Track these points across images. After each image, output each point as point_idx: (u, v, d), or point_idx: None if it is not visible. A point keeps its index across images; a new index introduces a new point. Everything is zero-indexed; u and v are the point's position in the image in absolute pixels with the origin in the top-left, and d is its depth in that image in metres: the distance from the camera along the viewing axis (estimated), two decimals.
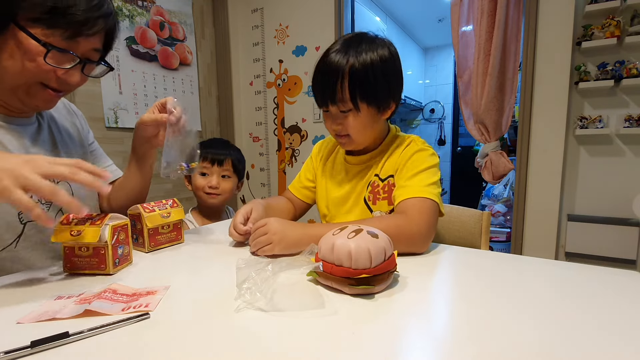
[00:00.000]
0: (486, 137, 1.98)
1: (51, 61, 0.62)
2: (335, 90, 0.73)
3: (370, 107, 0.76)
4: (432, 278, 0.57)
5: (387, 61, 0.75)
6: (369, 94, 0.74)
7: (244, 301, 0.44)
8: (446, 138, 4.40)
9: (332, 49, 0.75)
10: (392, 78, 0.77)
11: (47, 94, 0.67)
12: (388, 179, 0.82)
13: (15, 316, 0.43)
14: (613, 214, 1.73)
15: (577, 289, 0.50)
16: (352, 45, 0.74)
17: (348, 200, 0.87)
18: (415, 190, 0.73)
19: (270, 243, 0.64)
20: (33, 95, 0.66)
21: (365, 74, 0.72)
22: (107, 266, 0.57)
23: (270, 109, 2.63)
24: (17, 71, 0.62)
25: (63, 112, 0.85)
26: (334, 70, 0.73)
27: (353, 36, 0.78)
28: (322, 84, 0.76)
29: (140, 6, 2.11)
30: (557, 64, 1.74)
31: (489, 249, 0.95)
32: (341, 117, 0.77)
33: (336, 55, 0.73)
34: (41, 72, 0.63)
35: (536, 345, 0.36)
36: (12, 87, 0.65)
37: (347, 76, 0.72)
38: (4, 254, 0.66)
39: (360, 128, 0.78)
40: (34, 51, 0.61)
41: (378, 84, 0.74)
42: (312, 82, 0.79)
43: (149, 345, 0.37)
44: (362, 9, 2.60)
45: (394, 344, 0.37)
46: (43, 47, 0.60)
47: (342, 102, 0.74)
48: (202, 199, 1.32)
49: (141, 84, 2.14)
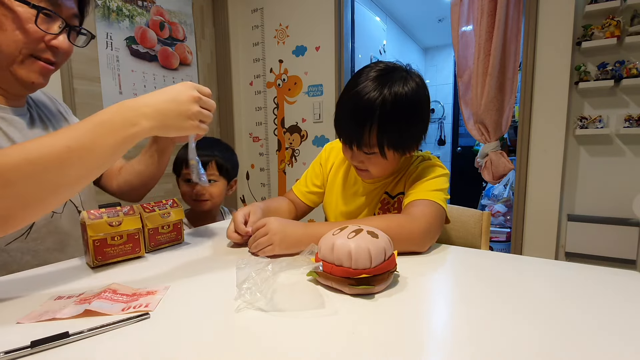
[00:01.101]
0: (486, 137, 1.98)
1: (41, 26, 0.63)
2: (362, 136, 0.71)
3: (396, 153, 0.74)
4: (432, 278, 0.57)
5: (418, 110, 0.72)
6: (396, 143, 0.72)
7: (244, 301, 0.44)
8: (446, 138, 4.40)
9: (362, 89, 0.70)
10: (421, 125, 0.74)
11: (41, 65, 0.67)
12: (398, 196, 0.83)
13: (15, 316, 0.43)
14: (613, 214, 1.73)
15: (577, 289, 0.50)
16: (385, 85, 0.69)
17: (359, 216, 0.88)
18: (422, 194, 0.73)
19: (271, 244, 0.63)
20: (28, 69, 0.66)
21: (396, 124, 0.70)
22: (141, 249, 0.65)
23: (270, 109, 2.63)
24: (9, 43, 0.62)
25: (46, 101, 0.85)
26: (363, 114, 0.69)
27: (385, 72, 0.72)
28: (349, 125, 0.73)
29: (140, 6, 2.11)
30: (557, 64, 1.74)
31: (489, 249, 0.95)
32: (364, 156, 0.75)
33: (368, 95, 0.69)
34: (31, 41, 0.63)
35: (536, 345, 0.36)
36: (6, 64, 0.65)
37: (376, 123, 0.69)
38: (15, 244, 0.67)
39: (383, 168, 0.77)
40: (23, 17, 0.61)
41: (406, 132, 0.72)
42: (336, 116, 0.76)
43: (149, 345, 0.37)
44: (362, 9, 2.60)
45: (394, 344, 0.37)
46: (33, 10, 0.61)
47: (368, 147, 0.72)
48: (192, 206, 1.25)
49: (141, 84, 2.14)
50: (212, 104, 0.60)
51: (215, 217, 1.32)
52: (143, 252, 0.67)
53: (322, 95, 2.39)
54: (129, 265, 0.63)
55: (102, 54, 1.93)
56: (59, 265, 0.64)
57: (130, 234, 0.64)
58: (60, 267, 0.62)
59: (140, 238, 0.66)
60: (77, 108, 1.80)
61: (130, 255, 0.65)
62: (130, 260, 0.65)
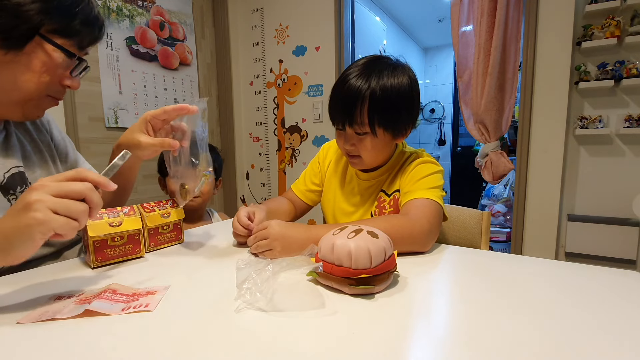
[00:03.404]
0: (486, 137, 1.98)
1: (73, 72, 0.64)
2: (354, 113, 0.73)
3: (386, 132, 0.76)
4: (432, 278, 0.57)
5: (407, 89, 0.75)
6: (387, 120, 0.74)
7: (244, 301, 0.44)
8: (446, 138, 4.40)
9: (353, 72, 0.75)
10: (411, 105, 0.77)
11: (49, 102, 0.67)
12: (394, 194, 0.83)
13: (15, 316, 0.43)
14: (613, 214, 1.73)
15: (577, 289, 0.50)
16: (374, 70, 0.74)
17: (356, 213, 0.88)
18: (418, 193, 0.74)
19: (270, 249, 0.63)
20: (38, 107, 0.66)
21: (386, 100, 0.72)
22: (141, 250, 0.65)
23: (270, 109, 2.63)
24: (32, 85, 0.61)
25: None
26: (354, 94, 0.73)
27: (373, 60, 0.77)
28: (341, 105, 0.76)
29: (140, 6, 2.11)
30: (557, 64, 1.74)
31: (489, 249, 0.95)
32: (356, 138, 0.77)
33: (357, 79, 0.73)
34: (54, 83, 0.63)
35: (536, 345, 0.36)
36: (20, 101, 0.63)
37: (367, 100, 0.72)
38: None
39: (373, 151, 0.78)
40: (56, 63, 0.61)
41: (397, 111, 0.75)
42: (329, 102, 0.79)
43: (149, 345, 0.37)
44: (362, 9, 2.60)
45: (393, 344, 0.37)
46: (68, 58, 0.61)
47: (360, 125, 0.74)
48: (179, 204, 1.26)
49: (141, 84, 2.14)
50: (71, 189, 0.44)
51: (202, 217, 1.37)
52: (143, 252, 0.67)
53: (322, 95, 2.38)
54: (129, 265, 0.62)
55: (102, 54, 1.93)
56: (59, 265, 0.64)
57: (131, 235, 0.64)
58: (60, 267, 0.62)
59: (141, 238, 0.66)
60: (77, 108, 1.80)
61: (130, 255, 0.65)
62: (130, 260, 0.65)
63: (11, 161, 0.68)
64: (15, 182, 0.67)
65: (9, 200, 0.66)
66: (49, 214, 0.42)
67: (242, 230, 0.71)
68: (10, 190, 0.66)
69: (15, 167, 0.68)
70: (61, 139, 0.83)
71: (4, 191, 0.65)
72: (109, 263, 0.62)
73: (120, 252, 0.63)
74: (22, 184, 0.68)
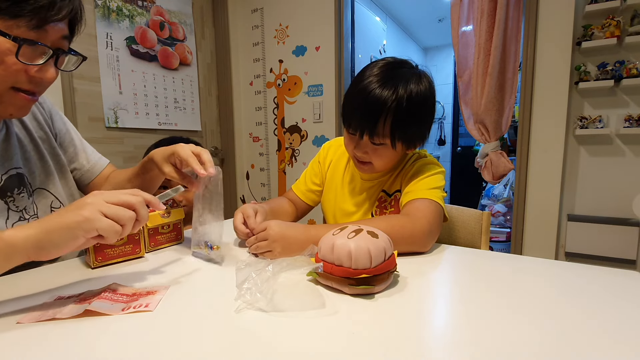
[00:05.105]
0: (486, 137, 1.98)
1: (23, 58, 0.54)
2: (375, 124, 0.71)
3: (404, 145, 0.75)
4: (432, 278, 0.57)
5: (429, 104, 0.75)
6: (408, 135, 0.74)
7: (244, 301, 0.44)
8: (446, 138, 4.40)
9: (375, 78, 0.71)
10: (430, 119, 0.77)
11: (21, 98, 0.59)
12: (395, 194, 0.83)
13: (15, 316, 0.43)
14: (613, 214, 1.73)
15: (577, 289, 0.50)
16: (400, 80, 0.71)
17: (356, 213, 0.88)
18: (419, 193, 0.74)
19: (270, 250, 0.63)
20: (6, 103, 0.59)
21: (410, 116, 0.71)
22: (141, 250, 0.66)
23: (270, 109, 2.63)
24: None
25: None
26: (379, 104, 0.70)
27: (396, 65, 0.74)
28: (361, 113, 0.73)
29: (140, 6, 2.11)
30: (557, 64, 1.74)
31: (489, 249, 0.95)
32: (370, 147, 0.75)
33: (383, 89, 0.70)
34: (11, 74, 0.55)
35: (536, 345, 0.36)
36: None
37: (392, 114, 0.70)
38: None
39: (387, 161, 0.78)
40: (2, 49, 0.52)
41: (418, 128, 0.75)
42: (345, 106, 0.77)
43: (149, 345, 0.37)
44: (362, 9, 2.60)
45: (393, 344, 0.37)
46: (13, 43, 0.52)
47: (379, 137, 0.73)
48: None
49: (141, 84, 2.14)
50: (122, 216, 0.47)
51: (191, 220, 1.36)
52: (143, 252, 0.67)
53: (322, 95, 2.38)
54: (129, 266, 0.62)
55: (102, 54, 1.93)
56: (59, 265, 0.64)
57: (131, 235, 0.64)
58: (60, 267, 0.63)
59: (141, 239, 0.66)
60: (77, 108, 1.79)
61: (130, 256, 0.65)
62: (130, 260, 0.65)
63: (10, 163, 0.67)
64: (14, 184, 0.66)
65: (7, 202, 0.65)
66: (97, 214, 0.45)
67: (243, 230, 0.71)
68: (7, 192, 0.65)
69: (14, 169, 0.67)
70: (65, 130, 0.80)
71: (1, 193, 0.65)
72: (109, 263, 0.62)
73: (121, 252, 0.63)
74: (20, 186, 0.67)
